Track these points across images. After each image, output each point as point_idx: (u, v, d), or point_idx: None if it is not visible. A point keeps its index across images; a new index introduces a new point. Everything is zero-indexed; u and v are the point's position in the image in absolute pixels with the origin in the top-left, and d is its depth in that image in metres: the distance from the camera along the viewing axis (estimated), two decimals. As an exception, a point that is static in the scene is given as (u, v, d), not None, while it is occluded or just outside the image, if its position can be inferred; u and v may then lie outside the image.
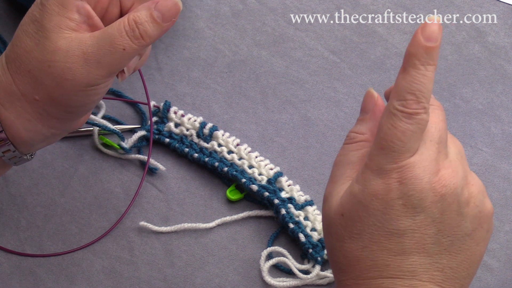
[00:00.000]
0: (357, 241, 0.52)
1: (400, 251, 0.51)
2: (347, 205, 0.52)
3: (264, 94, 0.76)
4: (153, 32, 0.59)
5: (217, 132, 0.71)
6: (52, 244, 0.66)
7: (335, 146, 0.74)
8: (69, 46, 0.58)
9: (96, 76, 0.58)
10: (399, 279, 0.51)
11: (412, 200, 0.51)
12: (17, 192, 0.68)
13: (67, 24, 0.58)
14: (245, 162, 0.70)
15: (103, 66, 0.58)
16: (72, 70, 0.58)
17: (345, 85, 0.78)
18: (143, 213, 0.69)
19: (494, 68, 0.80)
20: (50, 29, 0.58)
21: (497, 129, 0.76)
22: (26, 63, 0.58)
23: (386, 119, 0.52)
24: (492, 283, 0.68)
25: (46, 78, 0.58)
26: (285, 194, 0.69)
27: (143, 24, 0.58)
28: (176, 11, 0.59)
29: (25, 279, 0.64)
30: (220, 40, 0.79)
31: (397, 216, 0.51)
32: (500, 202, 0.72)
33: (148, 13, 0.58)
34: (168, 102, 0.73)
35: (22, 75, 0.59)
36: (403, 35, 0.81)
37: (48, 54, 0.58)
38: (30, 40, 0.58)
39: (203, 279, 0.66)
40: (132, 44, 0.58)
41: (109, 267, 0.66)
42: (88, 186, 0.69)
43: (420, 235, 0.51)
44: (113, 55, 0.58)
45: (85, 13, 0.59)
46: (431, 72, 0.53)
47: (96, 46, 0.57)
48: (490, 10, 0.83)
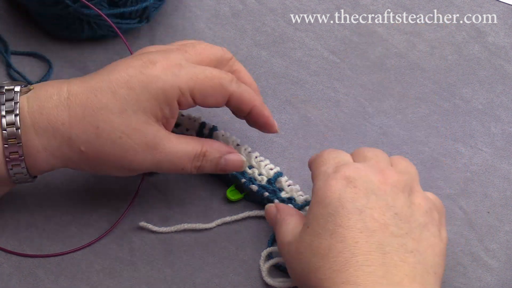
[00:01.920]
0: (324, 231, 0.55)
1: (364, 229, 0.55)
2: (310, 217, 0.58)
3: (264, 94, 0.76)
4: (207, 170, 0.64)
5: (217, 132, 0.71)
6: (51, 244, 0.66)
7: (335, 146, 0.74)
8: (150, 133, 0.60)
9: (144, 168, 0.61)
10: (371, 255, 0.54)
11: (360, 183, 0.57)
12: (17, 192, 0.68)
13: (157, 115, 0.61)
14: (245, 162, 0.70)
15: (158, 167, 0.62)
16: (136, 154, 0.60)
17: (345, 85, 0.78)
18: (143, 213, 0.69)
19: (494, 68, 0.80)
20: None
21: (497, 129, 0.76)
22: (101, 119, 0.59)
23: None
24: (492, 283, 0.68)
25: (109, 144, 0.59)
26: (285, 194, 0.69)
27: (207, 162, 0.63)
28: (238, 167, 0.66)
29: (24, 279, 0.64)
30: (220, 40, 0.79)
31: (352, 198, 0.56)
32: (500, 202, 0.72)
33: (218, 156, 0.64)
34: (215, 127, 0.71)
35: (85, 126, 0.59)
36: (403, 35, 0.81)
37: (126, 127, 0.59)
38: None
39: (203, 279, 0.66)
40: (190, 169, 0.63)
41: (109, 267, 0.65)
42: (88, 186, 0.69)
43: (378, 214, 0.55)
44: (171, 167, 0.62)
45: (173, 113, 0.62)
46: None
47: (167, 153, 0.61)
48: (490, 10, 0.83)
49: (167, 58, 0.61)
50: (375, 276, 0.53)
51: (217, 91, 0.62)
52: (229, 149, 0.66)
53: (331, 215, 0.56)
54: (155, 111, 0.60)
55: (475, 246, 0.69)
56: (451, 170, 0.73)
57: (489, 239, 0.70)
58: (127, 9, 0.74)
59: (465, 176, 0.73)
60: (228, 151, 0.66)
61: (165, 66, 0.60)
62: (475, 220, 0.71)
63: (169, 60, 0.61)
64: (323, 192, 0.58)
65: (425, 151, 0.74)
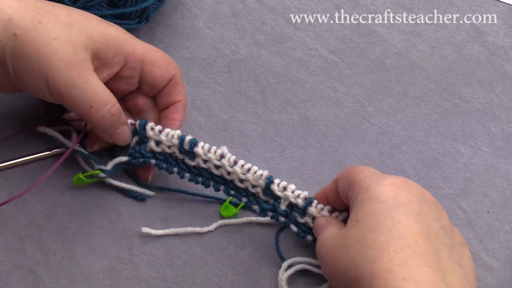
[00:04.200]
0: (381, 226, 0.55)
1: (422, 230, 0.55)
2: (361, 212, 0.57)
3: (264, 94, 0.76)
4: (103, 127, 0.65)
5: (197, 149, 0.66)
6: (52, 243, 0.66)
7: (335, 146, 0.74)
8: (81, 55, 0.62)
9: (55, 86, 0.61)
10: (430, 256, 0.54)
11: (412, 189, 0.58)
12: (17, 191, 0.68)
13: (96, 53, 0.64)
14: (234, 176, 0.67)
15: (69, 92, 0.62)
16: (57, 63, 0.61)
17: (344, 85, 0.78)
18: (143, 213, 0.69)
19: (494, 68, 0.80)
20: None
21: (497, 129, 0.76)
22: (46, 18, 0.61)
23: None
24: (492, 283, 0.68)
25: (41, 39, 0.61)
26: (284, 203, 0.66)
27: (111, 118, 0.64)
28: (122, 141, 0.67)
29: (24, 278, 0.64)
30: (220, 39, 0.79)
31: (408, 200, 0.57)
32: (500, 202, 0.72)
33: (122, 121, 0.66)
34: (143, 120, 0.68)
35: (30, 14, 0.61)
36: (403, 35, 0.81)
37: (65, 36, 0.61)
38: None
39: (202, 279, 0.66)
40: (96, 113, 0.63)
41: (108, 267, 0.66)
42: (87, 184, 0.69)
43: (431, 221, 0.56)
44: (80, 100, 0.62)
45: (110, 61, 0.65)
46: None
47: (87, 80, 0.62)
48: (490, 10, 0.83)
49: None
50: (435, 277, 0.53)
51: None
52: (126, 120, 0.67)
53: (388, 211, 0.56)
54: (98, 48, 0.63)
55: (475, 246, 0.69)
56: (451, 170, 0.73)
57: (488, 239, 0.70)
58: (126, 9, 0.74)
59: (465, 176, 0.73)
60: (126, 122, 0.66)
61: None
62: (475, 220, 0.71)
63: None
64: (377, 190, 0.57)
65: (425, 151, 0.74)
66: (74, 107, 0.63)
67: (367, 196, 0.58)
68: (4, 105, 0.72)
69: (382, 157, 0.74)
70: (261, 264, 0.67)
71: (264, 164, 0.72)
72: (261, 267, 0.67)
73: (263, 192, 0.66)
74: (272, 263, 0.67)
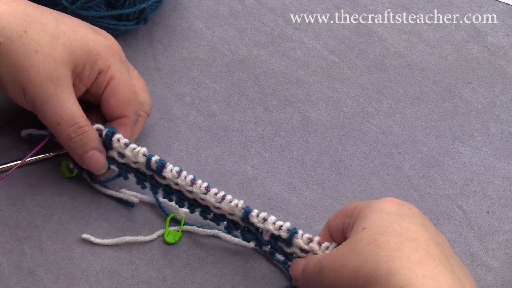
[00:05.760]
0: (391, 231, 0.55)
1: (431, 238, 0.55)
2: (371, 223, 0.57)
3: (263, 94, 0.76)
4: (74, 150, 0.65)
5: (166, 173, 0.63)
6: (51, 243, 0.66)
7: (334, 146, 0.74)
8: (61, 71, 0.63)
9: (32, 97, 0.62)
10: (443, 259, 0.54)
11: (412, 207, 0.58)
12: (16, 192, 0.68)
13: (76, 69, 0.65)
14: (208, 203, 0.63)
15: (41, 105, 0.63)
16: (37, 76, 0.62)
17: (344, 85, 0.78)
18: (142, 213, 0.69)
19: (494, 68, 0.80)
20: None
21: (497, 129, 0.76)
22: (33, 27, 0.62)
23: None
24: (492, 283, 0.68)
25: (23, 50, 0.61)
26: (266, 234, 0.62)
27: (80, 140, 0.64)
28: (95, 169, 0.66)
29: (24, 279, 0.64)
30: (219, 40, 0.79)
31: (411, 214, 0.57)
32: (500, 202, 0.72)
33: (91, 146, 0.65)
34: (111, 129, 0.66)
35: (16, 22, 0.62)
36: (402, 35, 0.81)
37: (48, 50, 0.62)
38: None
39: (202, 279, 0.66)
40: (63, 131, 0.64)
41: (108, 267, 0.65)
42: (87, 185, 0.69)
43: (435, 233, 0.56)
44: (51, 116, 0.63)
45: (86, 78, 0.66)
46: None
47: (59, 98, 0.63)
48: (490, 10, 0.83)
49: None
50: (452, 278, 0.52)
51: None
52: (102, 148, 0.66)
53: (395, 220, 0.56)
54: (77, 64, 0.64)
55: (475, 246, 0.69)
56: (451, 170, 0.73)
57: (488, 239, 0.70)
58: (124, 10, 0.74)
59: (465, 176, 0.73)
60: (101, 149, 0.66)
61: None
62: (475, 220, 0.71)
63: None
64: (380, 204, 0.57)
65: (424, 151, 0.74)
66: (45, 121, 0.64)
67: (370, 210, 0.57)
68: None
69: (382, 157, 0.74)
70: (261, 264, 0.67)
71: (264, 164, 0.72)
72: (261, 267, 0.67)
73: (242, 220, 0.63)
74: (272, 263, 0.67)
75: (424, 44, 0.81)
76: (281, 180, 0.71)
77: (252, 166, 0.72)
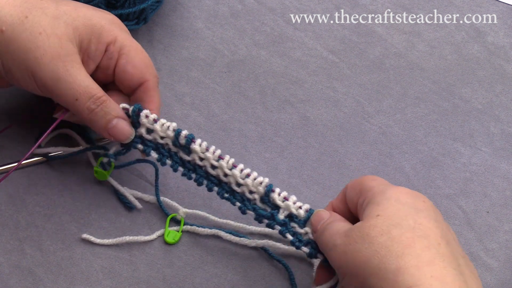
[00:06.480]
0: (404, 223, 0.55)
1: (443, 235, 0.55)
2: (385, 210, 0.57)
3: (263, 94, 0.76)
4: (96, 122, 0.64)
5: (194, 146, 0.64)
6: (51, 243, 0.66)
7: (334, 146, 0.74)
8: (67, 48, 0.62)
9: (42, 79, 0.62)
10: (452, 259, 0.54)
11: (426, 200, 0.58)
12: (16, 192, 0.68)
13: (82, 44, 0.64)
14: (231, 179, 0.64)
15: (55, 84, 0.62)
16: (43, 57, 0.61)
17: (344, 85, 0.78)
18: (142, 213, 0.69)
19: (494, 68, 0.80)
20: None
21: (497, 128, 0.76)
22: (34, 11, 0.62)
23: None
24: (492, 283, 0.68)
25: (26, 34, 0.61)
26: (283, 214, 0.63)
27: (101, 111, 0.63)
28: (122, 137, 0.65)
29: (24, 279, 0.64)
30: (219, 40, 0.79)
31: (425, 207, 0.57)
32: (500, 202, 0.72)
33: (114, 114, 0.64)
34: (137, 105, 0.65)
35: (17, 10, 0.62)
36: (402, 35, 0.81)
37: (51, 30, 0.62)
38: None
39: (202, 279, 0.66)
40: (82, 105, 0.63)
41: (108, 267, 0.66)
42: (87, 185, 0.69)
43: (447, 230, 0.56)
44: (66, 92, 0.62)
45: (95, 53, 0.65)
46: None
47: (71, 74, 0.62)
48: (490, 10, 0.83)
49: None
50: (459, 280, 0.53)
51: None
52: (125, 116, 0.65)
53: (409, 212, 0.56)
54: (82, 40, 0.63)
55: (475, 245, 0.69)
56: (451, 170, 0.73)
57: (488, 239, 0.70)
58: (124, 10, 0.74)
59: (465, 176, 0.73)
60: (125, 117, 0.65)
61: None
62: (475, 220, 0.71)
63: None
64: (395, 193, 0.57)
65: (424, 151, 0.74)
66: (61, 101, 0.63)
67: (385, 197, 0.57)
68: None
69: (382, 157, 0.74)
70: (261, 264, 0.67)
71: (264, 164, 0.72)
72: (261, 267, 0.67)
73: (261, 200, 0.64)
74: (272, 263, 0.67)
75: (424, 44, 0.81)
76: (281, 180, 0.71)
77: (252, 166, 0.72)
